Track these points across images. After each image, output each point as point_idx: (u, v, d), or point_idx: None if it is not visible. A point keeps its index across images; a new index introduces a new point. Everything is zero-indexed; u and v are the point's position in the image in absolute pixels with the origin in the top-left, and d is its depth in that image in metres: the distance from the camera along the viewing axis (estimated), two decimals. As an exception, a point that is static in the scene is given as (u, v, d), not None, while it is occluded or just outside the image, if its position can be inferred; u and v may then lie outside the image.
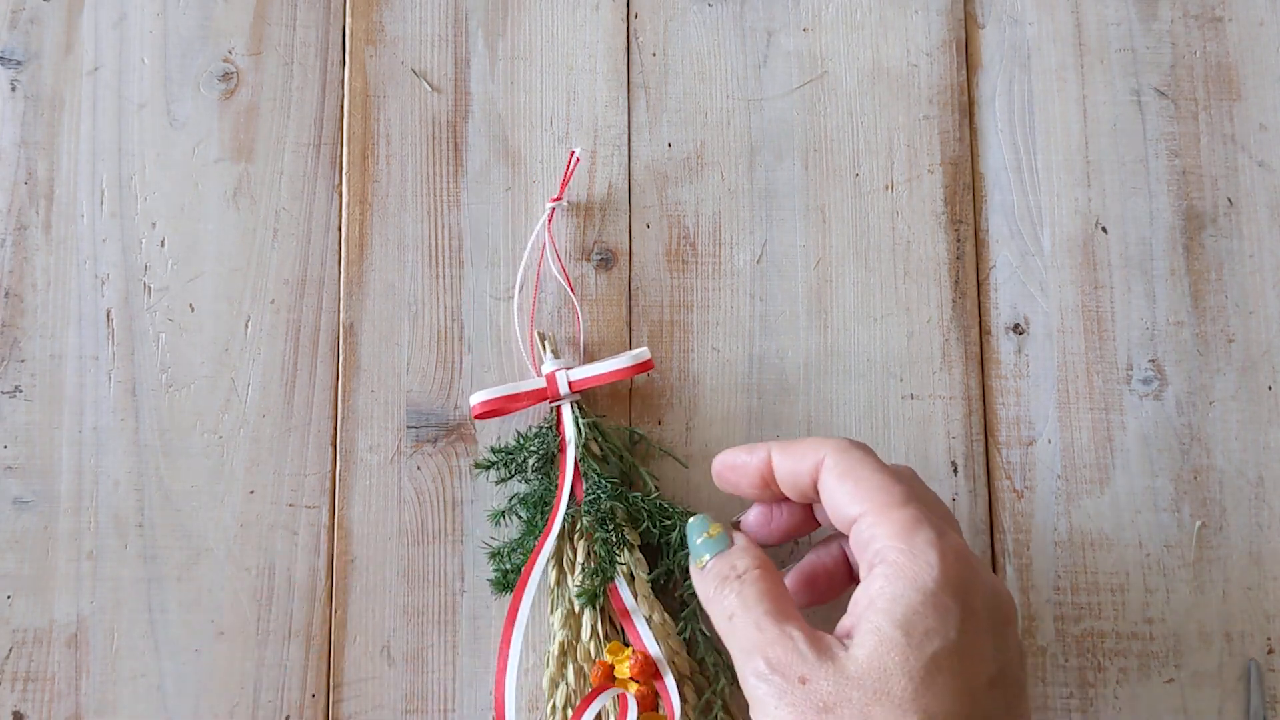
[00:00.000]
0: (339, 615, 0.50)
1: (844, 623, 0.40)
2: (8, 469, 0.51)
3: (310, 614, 0.50)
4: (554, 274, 0.53)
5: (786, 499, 0.46)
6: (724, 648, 0.44)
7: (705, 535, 0.44)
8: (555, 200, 0.53)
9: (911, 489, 0.41)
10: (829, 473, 0.42)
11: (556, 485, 0.50)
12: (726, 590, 0.42)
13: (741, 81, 0.56)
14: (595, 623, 0.48)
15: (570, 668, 0.48)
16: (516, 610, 0.47)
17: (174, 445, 0.51)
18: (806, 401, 0.53)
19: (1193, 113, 0.56)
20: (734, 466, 0.45)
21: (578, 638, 0.48)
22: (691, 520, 0.45)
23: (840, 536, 0.47)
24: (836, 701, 0.37)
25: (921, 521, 0.40)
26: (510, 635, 0.47)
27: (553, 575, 0.49)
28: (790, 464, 0.43)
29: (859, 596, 0.39)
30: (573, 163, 0.53)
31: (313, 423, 0.52)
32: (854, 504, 0.41)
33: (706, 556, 0.44)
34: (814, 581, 0.46)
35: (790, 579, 0.46)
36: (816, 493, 0.43)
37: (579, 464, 0.50)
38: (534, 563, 0.48)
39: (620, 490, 0.49)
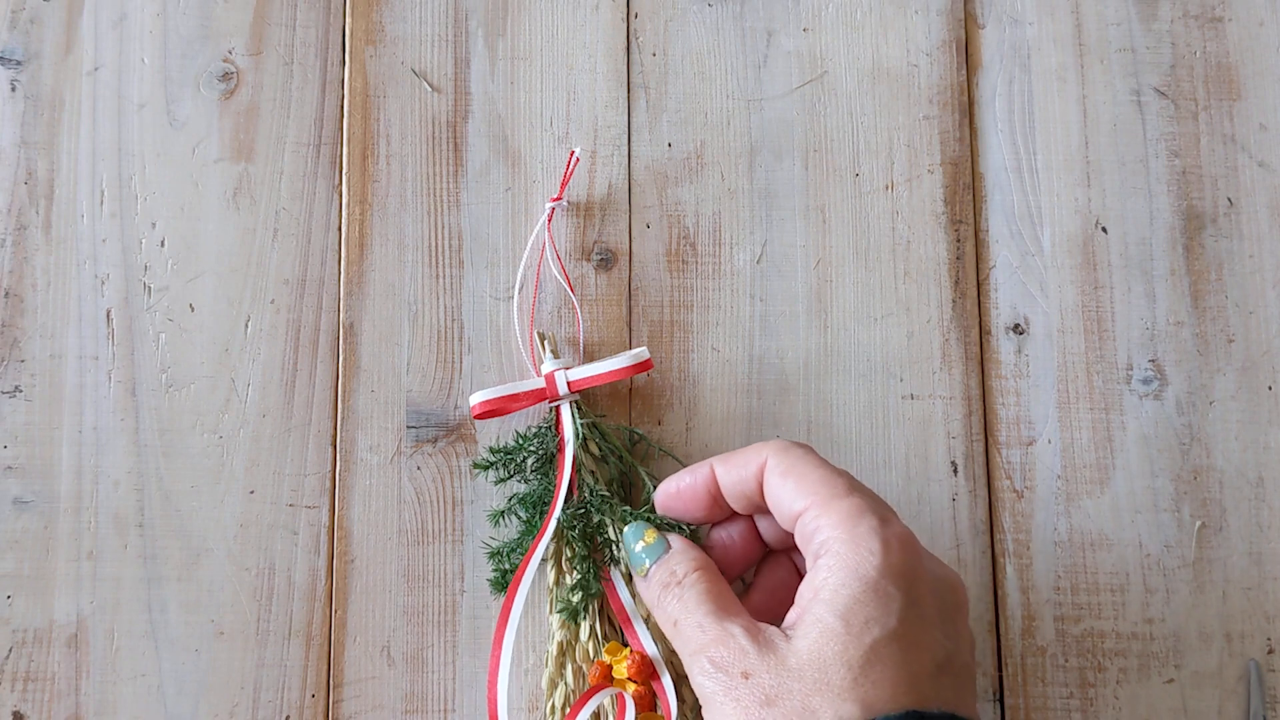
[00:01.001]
0: (339, 615, 0.50)
1: (790, 615, 0.40)
2: (8, 469, 0.51)
3: (310, 614, 0.50)
4: (554, 274, 0.53)
5: (733, 515, 0.46)
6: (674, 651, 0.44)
7: (642, 542, 0.44)
8: (555, 200, 0.53)
9: (853, 481, 0.42)
10: (772, 473, 0.42)
11: (555, 485, 0.50)
12: (669, 597, 0.42)
13: (741, 81, 0.56)
14: (593, 623, 0.48)
15: (569, 668, 0.48)
16: (510, 610, 0.47)
17: (174, 445, 0.51)
18: (806, 401, 0.53)
19: (1193, 113, 0.56)
20: (677, 492, 0.45)
21: (576, 638, 0.48)
22: (626, 529, 0.45)
23: (742, 518, 0.46)
24: (778, 694, 0.37)
25: (865, 510, 0.40)
26: (503, 635, 0.47)
27: (551, 575, 0.49)
28: (734, 473, 0.43)
29: (804, 589, 0.40)
30: (572, 163, 0.53)
31: (313, 423, 0.52)
32: (798, 499, 0.41)
33: (647, 563, 0.44)
34: (725, 557, 0.46)
35: None
36: (763, 499, 0.43)
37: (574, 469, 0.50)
38: (528, 562, 0.48)
39: (609, 502, 0.49)
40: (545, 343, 0.52)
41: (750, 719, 0.37)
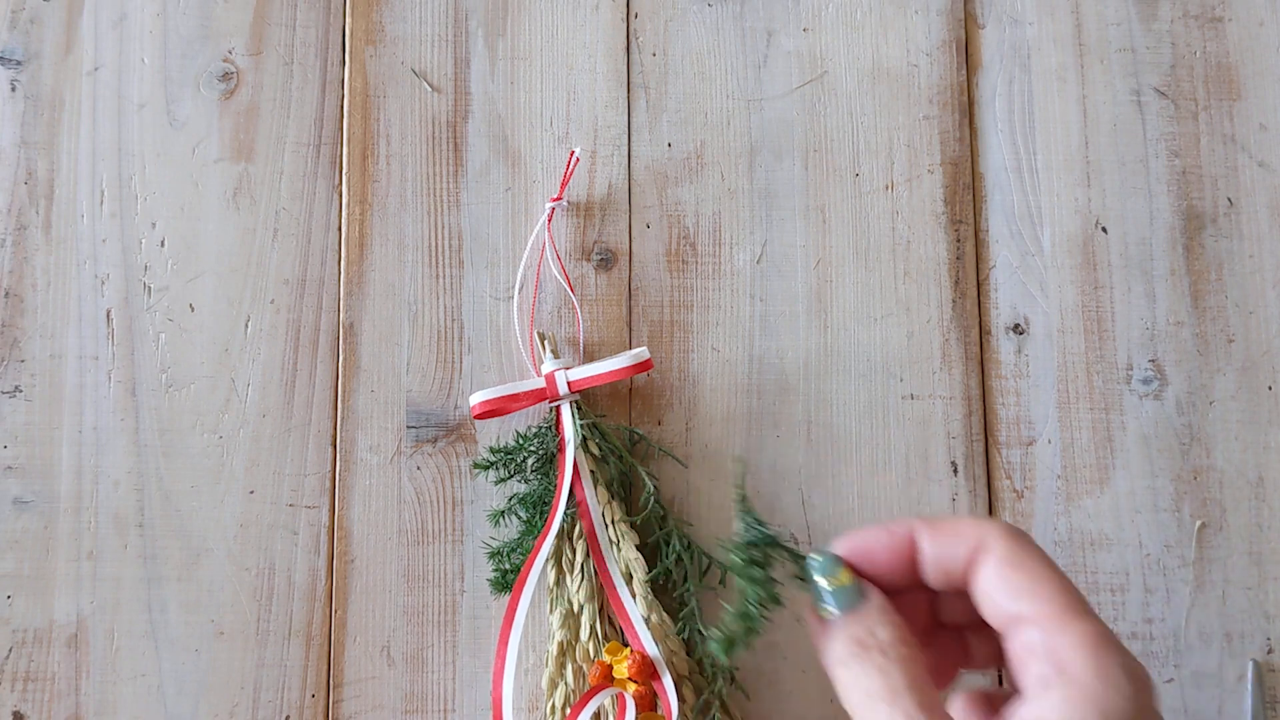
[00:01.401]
0: (339, 615, 0.50)
1: None
2: (8, 469, 0.51)
3: (310, 614, 0.50)
4: (554, 274, 0.53)
5: (917, 588, 0.39)
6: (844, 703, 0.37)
7: (833, 581, 0.38)
8: (555, 200, 0.53)
9: (1085, 600, 0.36)
10: (999, 562, 0.36)
11: (555, 485, 0.50)
12: (867, 663, 0.36)
13: (741, 81, 0.56)
14: (594, 623, 0.48)
15: (569, 668, 0.48)
16: (515, 609, 0.47)
17: (174, 445, 0.51)
18: (806, 401, 0.53)
19: (1193, 113, 0.56)
20: (867, 546, 0.38)
21: (576, 638, 0.48)
22: (815, 560, 0.38)
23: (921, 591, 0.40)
24: None
25: (1111, 641, 0.35)
26: (509, 634, 0.47)
27: (552, 575, 0.49)
28: (944, 545, 0.37)
29: (1027, 713, 0.35)
30: (572, 162, 0.53)
31: (313, 423, 0.52)
32: (1024, 601, 0.36)
33: (834, 610, 0.37)
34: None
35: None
36: (966, 580, 0.38)
37: (577, 464, 0.50)
38: (533, 561, 0.48)
39: (773, 536, 0.40)
40: (545, 342, 0.52)
41: None
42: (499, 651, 0.47)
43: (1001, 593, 0.36)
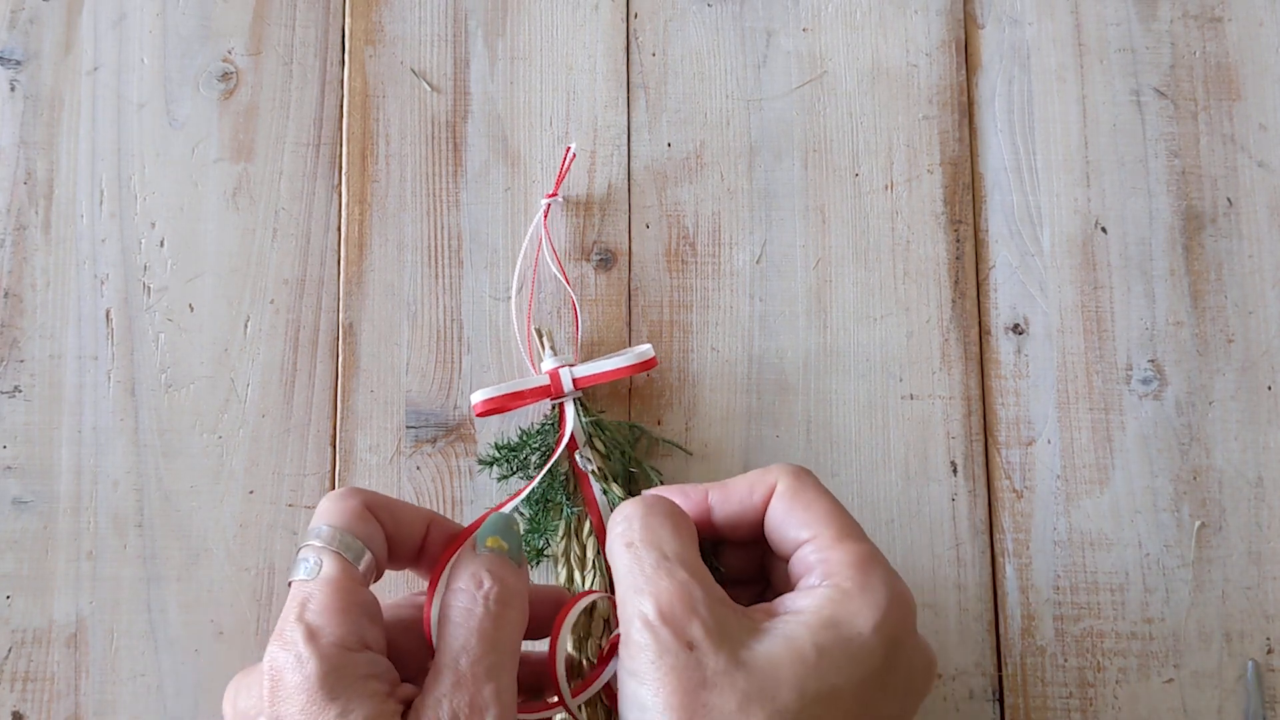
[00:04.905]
0: (338, 615, 0.50)
1: (759, 614, 0.37)
2: (7, 469, 0.51)
3: (310, 614, 0.50)
4: (553, 273, 0.53)
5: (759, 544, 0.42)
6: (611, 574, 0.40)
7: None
8: (550, 196, 0.53)
9: (863, 531, 0.39)
10: (778, 494, 0.40)
11: (559, 485, 0.50)
12: (634, 520, 0.38)
13: (741, 81, 0.56)
14: (607, 617, 0.47)
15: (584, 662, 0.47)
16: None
17: (173, 445, 0.51)
18: (806, 401, 0.53)
19: (1192, 113, 0.56)
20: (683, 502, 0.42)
21: (589, 632, 0.47)
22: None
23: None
24: (718, 682, 0.34)
25: (878, 560, 0.38)
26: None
27: (563, 573, 0.49)
28: (738, 495, 0.41)
29: (790, 601, 0.37)
30: (568, 158, 0.53)
31: (312, 423, 0.52)
32: (804, 529, 0.39)
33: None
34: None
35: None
36: (760, 525, 0.41)
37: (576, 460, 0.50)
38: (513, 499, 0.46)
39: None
40: (544, 339, 0.52)
41: (677, 693, 0.34)
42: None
43: (786, 524, 0.39)
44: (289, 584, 0.37)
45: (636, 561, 0.37)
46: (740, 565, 0.43)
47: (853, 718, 0.35)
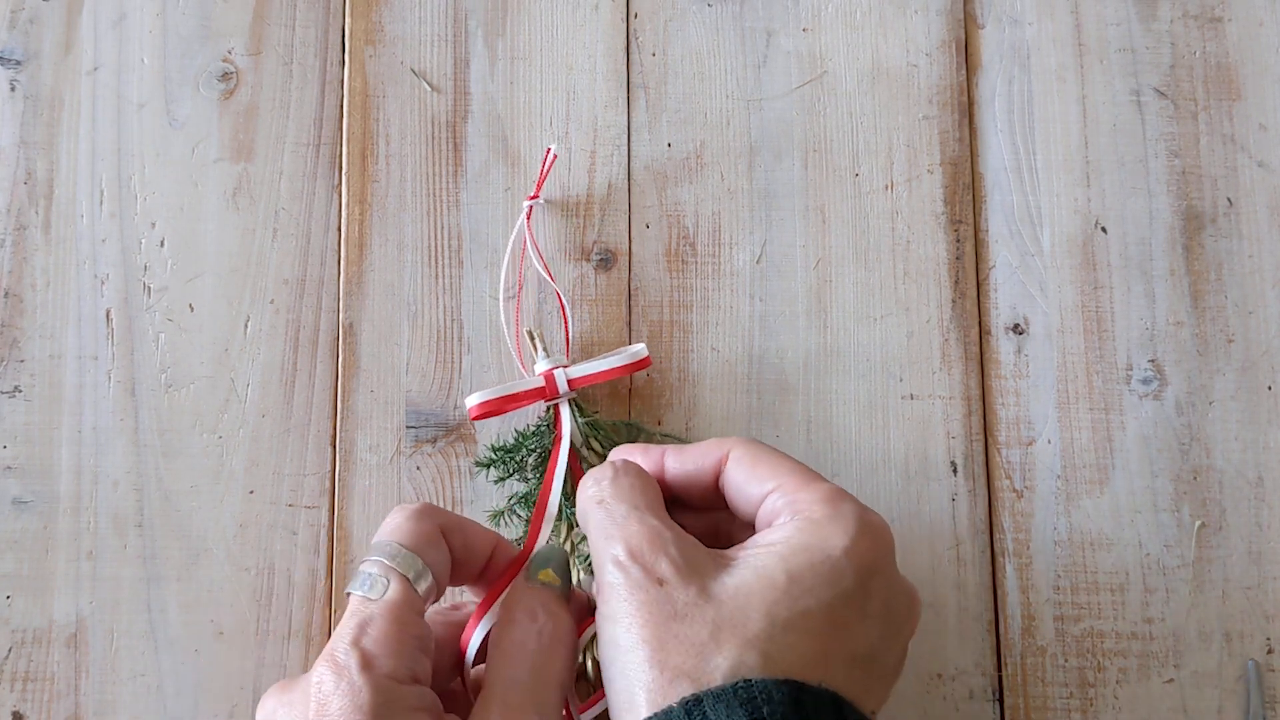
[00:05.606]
0: (339, 616, 0.50)
1: (730, 550, 0.38)
2: (7, 469, 0.51)
3: (310, 614, 0.50)
4: (540, 274, 0.53)
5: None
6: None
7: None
8: (532, 199, 0.53)
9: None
10: (734, 457, 0.40)
11: (559, 485, 0.50)
12: (601, 475, 0.40)
13: (741, 81, 0.56)
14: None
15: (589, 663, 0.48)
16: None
17: (174, 445, 0.51)
18: (806, 401, 0.53)
19: (1192, 113, 0.56)
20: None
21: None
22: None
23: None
24: (688, 614, 0.35)
25: (847, 495, 0.38)
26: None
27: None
28: (692, 459, 0.42)
29: (760, 537, 0.38)
30: (549, 160, 0.53)
31: (312, 423, 0.52)
32: (769, 481, 0.39)
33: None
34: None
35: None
36: (715, 491, 0.41)
37: (576, 456, 0.50)
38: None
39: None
40: (535, 340, 0.52)
41: (648, 626, 0.35)
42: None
43: (749, 481, 0.40)
44: (347, 594, 0.37)
45: (608, 514, 0.38)
46: (695, 530, 0.43)
47: (827, 640, 0.35)
